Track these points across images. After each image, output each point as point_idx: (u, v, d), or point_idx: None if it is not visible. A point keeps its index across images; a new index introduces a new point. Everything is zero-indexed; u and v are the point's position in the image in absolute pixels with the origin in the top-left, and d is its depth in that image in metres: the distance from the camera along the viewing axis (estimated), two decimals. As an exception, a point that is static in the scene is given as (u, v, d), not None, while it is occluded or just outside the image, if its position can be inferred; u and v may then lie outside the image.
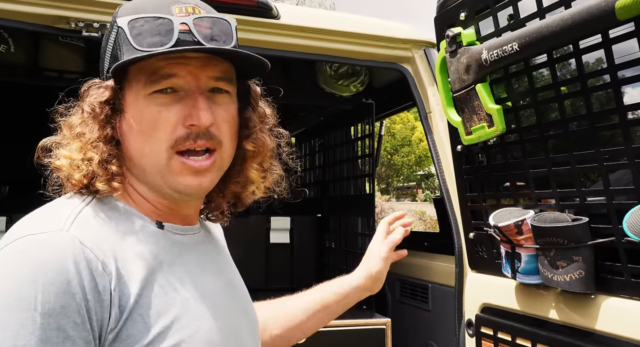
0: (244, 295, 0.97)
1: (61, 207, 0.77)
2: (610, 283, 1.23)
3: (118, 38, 0.79)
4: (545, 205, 1.40)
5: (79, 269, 0.68)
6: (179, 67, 0.78)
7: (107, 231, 0.76)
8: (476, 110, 1.49)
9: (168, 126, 0.78)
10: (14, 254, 0.69)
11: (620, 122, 1.15)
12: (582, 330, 1.28)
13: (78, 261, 0.68)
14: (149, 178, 0.81)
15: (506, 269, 1.48)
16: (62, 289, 0.66)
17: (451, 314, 1.82)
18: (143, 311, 0.73)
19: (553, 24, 1.19)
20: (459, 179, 1.70)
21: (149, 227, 0.81)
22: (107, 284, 0.70)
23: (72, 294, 0.67)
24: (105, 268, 0.71)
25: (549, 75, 1.32)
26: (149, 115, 0.78)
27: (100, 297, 0.69)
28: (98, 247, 0.72)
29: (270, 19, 1.91)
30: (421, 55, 2.10)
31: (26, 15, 1.70)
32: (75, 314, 0.67)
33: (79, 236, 0.71)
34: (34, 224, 0.73)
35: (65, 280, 0.67)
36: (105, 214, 0.78)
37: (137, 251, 0.76)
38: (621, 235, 1.16)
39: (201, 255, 0.88)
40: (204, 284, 0.84)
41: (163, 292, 0.76)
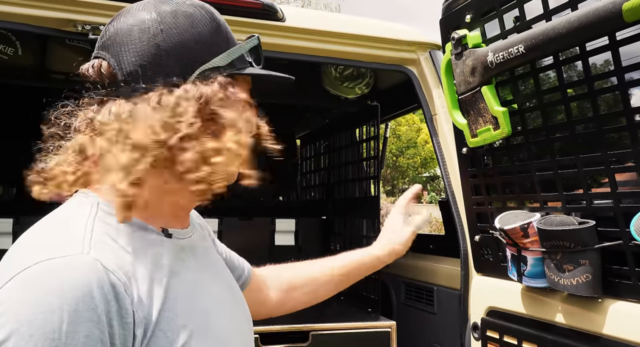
0: (237, 291, 0.98)
1: (71, 223, 0.75)
2: (617, 287, 1.22)
3: (243, 49, 0.86)
4: (551, 208, 1.39)
5: (104, 294, 0.66)
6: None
7: (121, 248, 0.74)
8: (482, 112, 1.48)
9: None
10: (34, 281, 0.65)
11: (627, 124, 1.14)
12: (589, 334, 1.26)
13: (102, 286, 0.67)
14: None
15: (512, 272, 1.47)
16: (86, 318, 0.64)
17: (457, 317, 1.81)
18: (163, 326, 0.72)
19: (559, 26, 1.18)
20: (465, 181, 1.69)
21: (157, 237, 0.80)
22: (129, 307, 0.69)
23: (95, 323, 0.65)
24: (127, 290, 0.69)
25: (555, 78, 1.32)
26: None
27: (124, 320, 0.68)
28: (119, 268, 0.70)
29: (275, 21, 1.92)
30: (427, 57, 2.09)
31: (33, 19, 1.71)
32: (98, 343, 0.65)
33: (100, 258, 0.69)
34: (50, 246, 0.70)
35: (91, 308, 0.65)
36: (115, 229, 0.76)
37: (151, 266, 0.76)
38: (628, 238, 1.15)
39: (200, 258, 0.88)
40: (210, 289, 0.85)
41: (179, 304, 0.76)
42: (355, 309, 2.34)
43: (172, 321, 0.74)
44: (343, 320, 2.05)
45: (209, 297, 0.83)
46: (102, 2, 1.73)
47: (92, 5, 1.73)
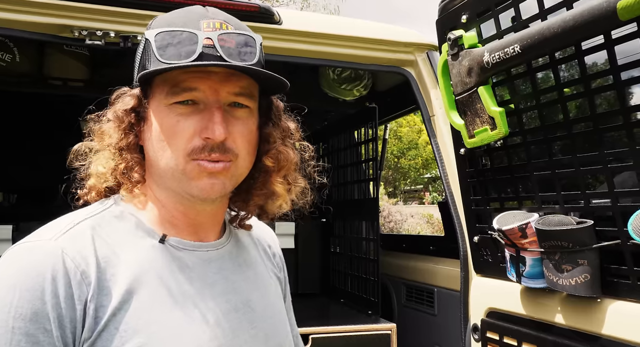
0: (268, 318, 0.91)
1: (67, 217, 0.81)
2: (616, 287, 1.21)
3: (146, 49, 0.82)
4: (549, 208, 1.39)
5: (56, 277, 0.72)
6: (200, 81, 0.80)
7: (100, 242, 0.78)
8: (479, 113, 1.48)
9: (184, 135, 0.80)
10: (5, 260, 0.74)
11: (624, 123, 1.14)
12: (589, 334, 1.26)
13: (56, 269, 0.72)
14: (167, 183, 0.84)
15: (511, 272, 1.46)
16: (35, 296, 0.70)
17: (457, 318, 1.80)
18: (120, 325, 0.74)
19: (555, 25, 1.18)
20: (463, 182, 1.68)
21: (149, 241, 0.82)
22: (83, 294, 0.73)
23: (44, 301, 0.70)
24: (85, 278, 0.73)
25: (551, 77, 1.31)
26: (167, 124, 0.81)
27: (75, 306, 0.72)
28: (82, 257, 0.75)
29: (272, 24, 1.92)
30: (424, 58, 2.09)
31: (30, 25, 1.72)
32: (46, 321, 0.70)
33: (65, 245, 0.75)
34: (35, 233, 0.77)
35: (40, 288, 0.71)
36: (108, 225, 0.80)
37: (127, 264, 0.78)
38: (626, 238, 1.15)
39: (209, 273, 0.86)
40: (205, 304, 0.82)
41: (146, 309, 0.76)
42: (356, 311, 2.34)
43: (129, 323, 0.75)
44: (343, 323, 2.04)
45: (195, 311, 0.80)
46: (98, 7, 1.73)
47: (89, 11, 1.73)
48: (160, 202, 0.85)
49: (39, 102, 2.81)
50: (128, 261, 0.78)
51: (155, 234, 0.83)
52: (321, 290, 2.83)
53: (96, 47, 1.79)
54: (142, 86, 0.84)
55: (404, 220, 14.11)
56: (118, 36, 1.77)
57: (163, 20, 0.84)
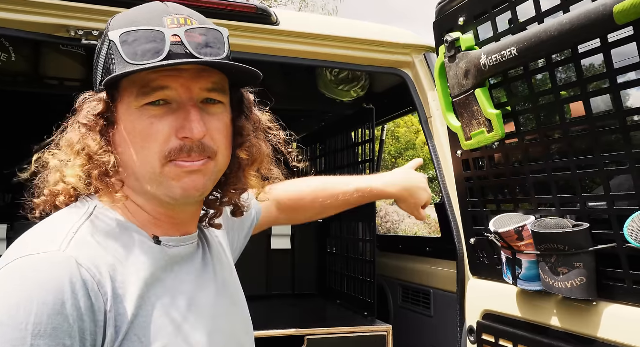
0: (237, 292, 0.97)
1: (60, 225, 0.78)
2: (611, 290, 1.21)
3: (110, 51, 0.79)
4: (546, 211, 1.39)
5: (75, 290, 0.69)
6: (171, 80, 0.78)
7: (104, 249, 0.76)
8: (476, 115, 1.48)
9: (160, 138, 0.78)
10: (13, 274, 0.70)
11: (620, 126, 1.14)
12: (584, 337, 1.26)
13: (74, 282, 0.69)
14: (145, 188, 0.81)
15: (507, 275, 1.46)
16: (55, 311, 0.67)
17: (453, 320, 1.81)
18: (139, 331, 0.73)
19: (552, 28, 1.18)
20: (460, 184, 1.68)
21: (146, 243, 0.81)
22: (102, 305, 0.71)
23: (65, 316, 0.67)
24: (101, 289, 0.71)
25: (548, 80, 1.32)
26: (141, 127, 0.78)
27: (96, 318, 0.70)
28: (95, 266, 0.72)
29: (269, 25, 1.91)
30: (421, 60, 2.09)
31: (27, 24, 1.71)
32: (66, 336, 0.67)
33: (76, 255, 0.72)
34: (33, 244, 0.74)
35: (60, 301, 0.67)
36: (103, 231, 0.79)
37: (133, 270, 0.77)
38: (622, 241, 1.15)
39: (199, 266, 0.88)
40: (200, 295, 0.85)
41: (159, 312, 0.76)
42: (352, 312, 2.34)
43: (148, 328, 0.74)
44: (339, 324, 2.04)
45: (197, 306, 0.83)
46: (94, 7, 1.73)
47: (85, 10, 1.72)
48: (140, 208, 0.84)
49: (34, 102, 2.80)
50: (131, 266, 0.77)
51: (147, 236, 0.82)
52: (317, 291, 2.83)
53: (92, 47, 1.78)
54: (108, 90, 0.80)
55: (401, 220, 14.12)
56: (114, 36, 1.77)
57: (123, 19, 0.81)
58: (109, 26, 0.82)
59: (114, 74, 0.77)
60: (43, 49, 2.23)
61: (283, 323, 1.99)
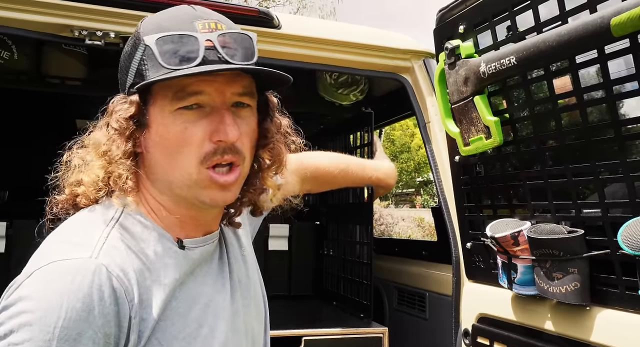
0: (251, 286, 0.98)
1: (90, 229, 0.79)
2: (605, 295, 1.24)
3: (145, 56, 0.80)
4: (541, 217, 1.41)
5: (104, 297, 0.71)
6: (205, 84, 0.79)
7: (133, 254, 0.78)
8: (474, 121, 1.50)
9: (195, 141, 0.79)
10: (46, 278, 0.71)
11: (615, 135, 1.16)
12: (578, 342, 1.28)
13: (103, 290, 0.71)
14: (176, 191, 0.83)
15: (502, 279, 1.49)
16: (82, 317, 0.69)
17: (448, 323, 1.83)
18: (160, 335, 0.75)
19: (550, 38, 1.21)
20: (457, 189, 1.71)
21: (171, 248, 0.83)
22: (127, 311, 0.73)
23: (90, 323, 0.69)
24: (128, 295, 0.74)
25: (546, 89, 1.34)
26: (175, 131, 0.79)
27: (120, 323, 0.72)
28: (124, 273, 0.74)
29: (271, 28, 1.94)
30: (420, 65, 2.12)
31: (30, 24, 1.72)
32: (89, 342, 0.69)
33: (107, 263, 0.74)
34: (66, 249, 0.75)
35: (88, 308, 0.70)
36: (132, 236, 0.80)
37: (159, 275, 0.79)
38: (616, 248, 1.17)
39: (216, 266, 0.90)
40: (217, 295, 0.87)
41: (179, 315, 0.78)
42: (348, 314, 2.36)
43: (168, 331, 0.76)
44: (335, 325, 2.06)
45: (212, 310, 0.84)
46: (99, 8, 1.74)
47: (90, 11, 1.74)
48: (165, 208, 0.85)
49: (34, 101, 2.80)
50: (158, 271, 0.79)
51: (171, 240, 0.84)
52: (314, 292, 2.85)
53: (96, 47, 1.79)
54: (141, 93, 0.81)
55: (395, 223, 14.15)
56: (118, 37, 1.78)
57: (154, 23, 0.82)
58: (140, 30, 0.82)
59: (148, 78, 0.78)
60: (45, 47, 2.24)
61: (280, 324, 2.00)
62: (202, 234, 0.89)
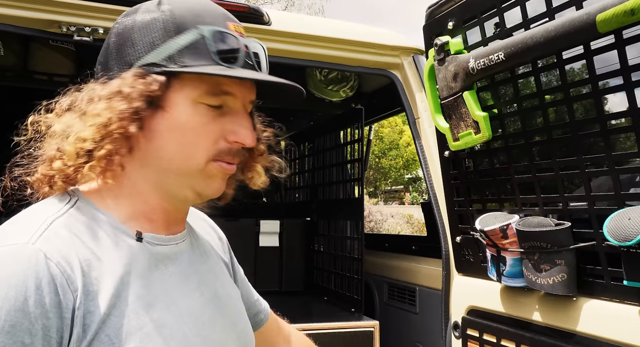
0: (231, 306, 0.93)
1: (34, 216, 0.74)
2: (591, 286, 1.27)
3: (195, 43, 0.77)
4: (529, 210, 1.44)
5: (41, 285, 0.65)
6: (237, 87, 0.81)
7: (78, 243, 0.72)
8: (463, 117, 1.52)
9: (211, 137, 0.80)
10: None
11: (601, 130, 1.19)
12: (564, 332, 1.31)
13: (40, 277, 0.66)
14: (170, 179, 0.80)
15: (492, 272, 1.51)
16: (16, 307, 0.64)
17: (438, 316, 1.85)
18: (111, 332, 0.69)
19: (537, 35, 1.23)
20: (446, 183, 1.73)
21: (125, 240, 0.77)
22: (70, 301, 0.67)
23: (26, 313, 0.64)
24: (71, 284, 0.68)
25: (533, 84, 1.37)
26: (194, 123, 0.78)
27: (62, 314, 0.66)
28: (66, 261, 0.69)
29: (261, 25, 1.94)
30: (410, 62, 2.14)
31: (18, 19, 1.71)
32: (25, 334, 0.64)
33: (46, 249, 0.68)
34: (4, 235, 0.71)
35: (22, 297, 0.64)
36: (81, 224, 0.75)
37: (109, 266, 0.73)
38: (602, 239, 1.20)
39: (183, 266, 0.85)
40: (184, 299, 0.81)
41: (134, 311, 0.73)
42: (339, 309, 2.37)
43: (121, 328, 0.70)
44: (326, 320, 2.07)
45: (178, 307, 0.79)
46: (87, 3, 1.73)
47: (77, 7, 1.73)
48: (141, 196, 0.81)
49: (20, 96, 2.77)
50: (108, 262, 0.73)
51: (129, 232, 0.79)
52: (305, 288, 2.86)
53: (84, 43, 1.78)
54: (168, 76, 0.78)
55: (384, 220, 14.23)
56: (106, 33, 1.77)
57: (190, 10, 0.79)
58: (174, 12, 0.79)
59: (182, 64, 0.76)
60: (32, 43, 2.22)
61: (272, 319, 2.01)
62: (167, 232, 0.85)
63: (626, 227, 1.09)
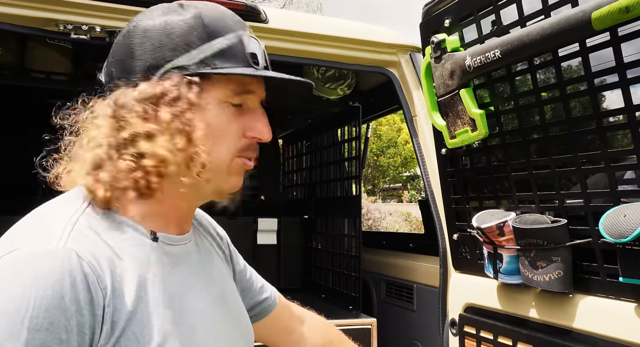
0: (234, 303, 0.96)
1: (56, 216, 0.76)
2: (587, 283, 1.27)
3: (234, 47, 0.81)
4: (526, 207, 1.44)
5: (75, 283, 0.68)
6: (258, 87, 0.86)
7: (101, 242, 0.74)
8: (460, 114, 1.53)
9: (234, 135, 0.83)
10: (11, 267, 0.68)
11: (597, 127, 1.19)
12: (561, 328, 1.32)
13: (74, 275, 0.68)
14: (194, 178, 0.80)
15: (488, 269, 1.52)
16: (53, 305, 0.66)
17: (435, 314, 1.86)
18: (136, 329, 0.72)
19: (533, 32, 1.23)
20: (444, 181, 1.73)
21: (142, 239, 0.80)
22: (101, 299, 0.69)
23: (62, 310, 0.66)
24: (101, 282, 0.70)
25: (530, 82, 1.37)
26: (219, 123, 0.81)
27: (94, 311, 0.69)
28: (95, 260, 0.71)
29: (258, 22, 1.94)
30: (407, 59, 2.14)
31: (15, 18, 1.71)
32: (62, 331, 0.66)
33: (77, 248, 0.70)
34: (31, 235, 0.73)
35: (59, 295, 0.66)
36: (100, 223, 0.77)
37: (129, 265, 0.75)
38: (597, 236, 1.21)
39: (193, 266, 0.87)
40: (196, 298, 0.84)
41: (155, 309, 0.75)
42: (336, 306, 2.38)
43: (145, 325, 0.73)
44: (325, 317, 2.07)
45: (193, 306, 0.82)
46: (84, 2, 1.73)
47: (74, 5, 1.73)
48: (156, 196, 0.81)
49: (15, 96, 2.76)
50: (128, 261, 0.75)
51: (144, 231, 0.80)
52: (303, 286, 2.87)
53: (81, 42, 1.78)
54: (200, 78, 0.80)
55: (382, 218, 14.24)
56: (104, 31, 1.77)
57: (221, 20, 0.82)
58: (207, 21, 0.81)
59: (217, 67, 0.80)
60: (29, 42, 2.22)
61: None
62: (177, 232, 0.86)
63: (622, 224, 1.10)
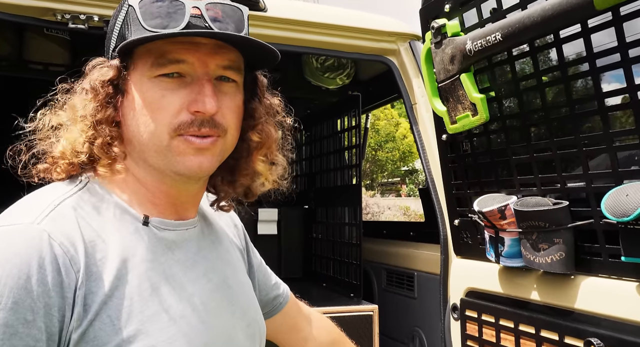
0: (241, 294, 0.93)
1: (42, 197, 0.75)
2: (589, 264, 1.28)
3: (127, 17, 0.77)
4: (527, 190, 1.45)
5: (43, 264, 0.66)
6: (188, 53, 0.76)
7: (84, 224, 0.73)
8: (461, 99, 1.53)
9: (171, 110, 0.77)
10: None
11: (598, 108, 1.19)
12: (563, 309, 1.32)
13: (43, 256, 0.67)
14: (150, 161, 0.79)
15: (490, 253, 1.52)
16: (19, 285, 0.65)
17: (436, 301, 1.87)
18: (112, 313, 0.70)
19: (534, 14, 1.23)
20: (444, 167, 1.74)
21: (132, 223, 0.78)
22: (72, 281, 0.68)
23: (28, 291, 0.65)
24: (74, 265, 0.69)
25: (531, 64, 1.37)
26: (152, 98, 0.77)
27: (64, 294, 0.67)
28: (69, 241, 0.70)
29: (257, 11, 1.93)
30: (406, 47, 2.14)
31: (12, 7, 1.69)
32: (27, 312, 0.65)
33: (50, 229, 0.69)
34: (11, 215, 0.72)
35: (25, 275, 0.65)
36: (89, 206, 0.76)
37: (114, 249, 0.74)
38: (599, 217, 1.21)
39: (191, 252, 0.85)
40: (190, 285, 0.81)
41: (137, 294, 0.73)
42: (338, 294, 2.39)
43: (122, 310, 0.71)
44: (326, 304, 2.08)
45: (183, 292, 0.79)
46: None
47: (72, -7, 1.71)
48: (139, 182, 0.82)
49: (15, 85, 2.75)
50: (114, 245, 0.74)
51: (136, 216, 0.79)
52: (304, 275, 2.87)
53: (79, 31, 1.77)
54: (121, 57, 0.78)
55: (381, 212, 14.29)
56: (102, 20, 1.76)
57: None
58: None
59: (128, 40, 0.76)
60: (27, 33, 2.21)
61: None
62: (176, 217, 0.85)
63: (624, 203, 1.10)
